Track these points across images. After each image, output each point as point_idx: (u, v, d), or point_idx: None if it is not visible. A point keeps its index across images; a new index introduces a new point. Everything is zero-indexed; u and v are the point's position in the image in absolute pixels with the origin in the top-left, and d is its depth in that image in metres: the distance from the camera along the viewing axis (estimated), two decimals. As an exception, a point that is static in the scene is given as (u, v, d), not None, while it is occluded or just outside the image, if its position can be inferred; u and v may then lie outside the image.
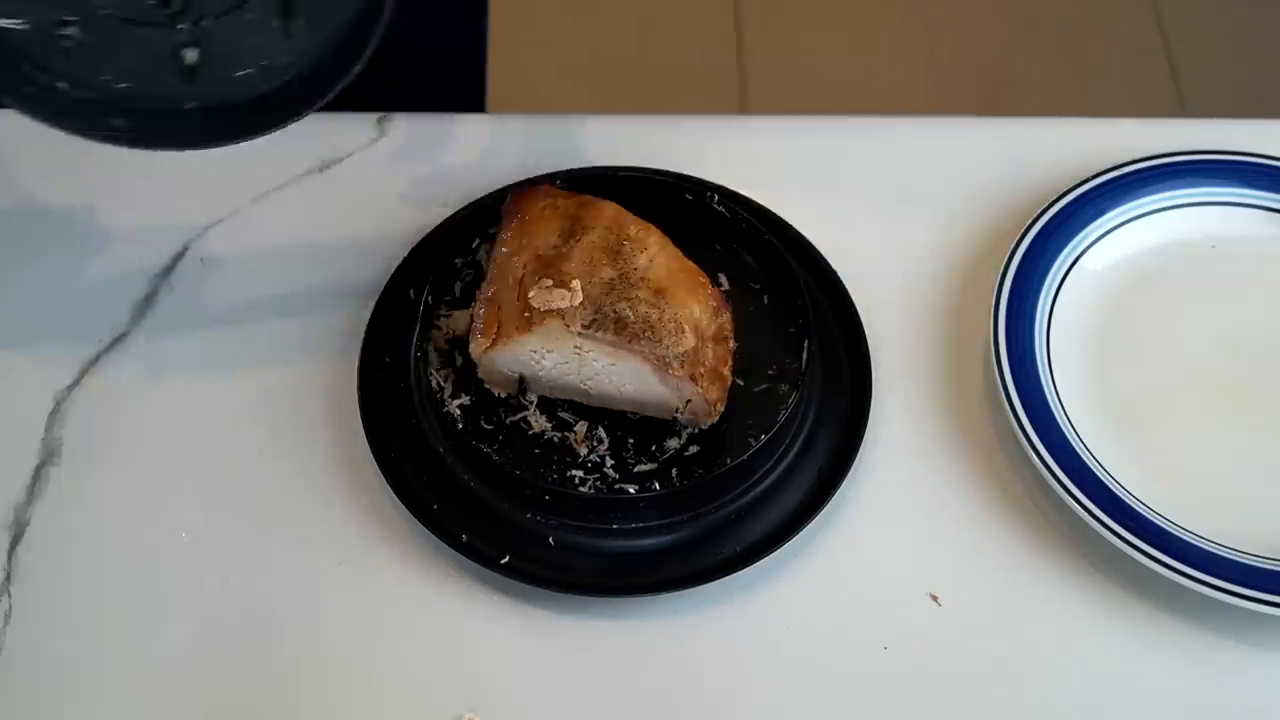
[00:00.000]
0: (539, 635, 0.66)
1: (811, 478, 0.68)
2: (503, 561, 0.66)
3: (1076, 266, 0.75)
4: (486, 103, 1.06)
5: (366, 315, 0.72)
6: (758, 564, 0.66)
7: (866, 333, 0.72)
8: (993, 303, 0.72)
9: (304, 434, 0.70)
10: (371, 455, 0.68)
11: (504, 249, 0.70)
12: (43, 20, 0.60)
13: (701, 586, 0.65)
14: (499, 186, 0.75)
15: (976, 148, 0.64)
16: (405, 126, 0.81)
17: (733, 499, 0.67)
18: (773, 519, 0.67)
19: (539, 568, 0.66)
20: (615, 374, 0.67)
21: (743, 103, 1.92)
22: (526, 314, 0.67)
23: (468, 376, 0.70)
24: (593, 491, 0.67)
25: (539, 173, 0.75)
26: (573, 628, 0.66)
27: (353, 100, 0.76)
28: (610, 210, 0.70)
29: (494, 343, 0.67)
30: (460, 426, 0.69)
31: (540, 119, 0.82)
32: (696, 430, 0.69)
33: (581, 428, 0.69)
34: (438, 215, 0.76)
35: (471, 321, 0.68)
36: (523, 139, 0.80)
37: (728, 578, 0.65)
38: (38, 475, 0.69)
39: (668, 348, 0.66)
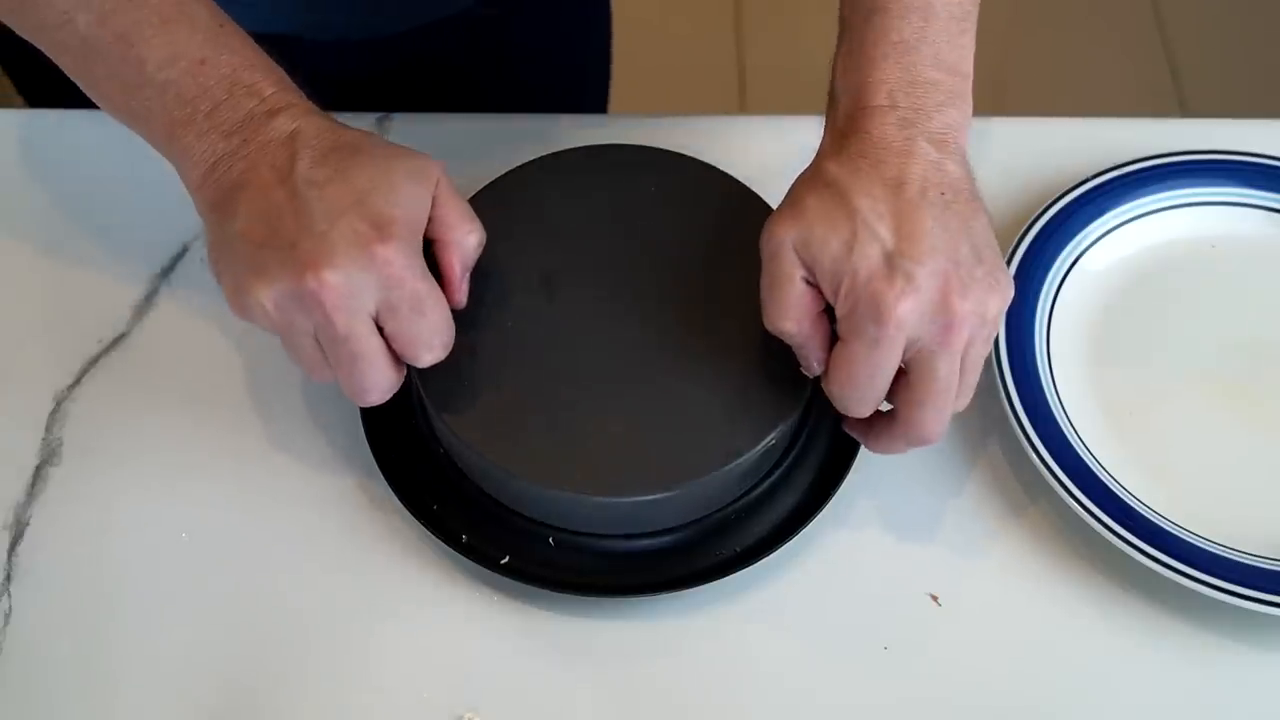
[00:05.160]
0: (539, 635, 0.66)
1: (811, 478, 0.68)
2: (503, 561, 0.66)
3: (1076, 266, 0.75)
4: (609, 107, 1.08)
5: (366, 315, 0.72)
6: (758, 564, 0.66)
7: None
8: (993, 303, 0.72)
9: (304, 434, 0.70)
10: (371, 455, 0.68)
11: None
12: None
13: (701, 586, 0.65)
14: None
15: (976, 148, 0.64)
16: (405, 126, 0.81)
17: (733, 500, 0.67)
18: (772, 519, 0.67)
19: (539, 568, 0.66)
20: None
21: (743, 103, 1.92)
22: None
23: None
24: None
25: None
26: (573, 628, 0.66)
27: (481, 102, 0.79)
28: None
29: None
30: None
31: (539, 119, 0.82)
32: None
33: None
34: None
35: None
36: (522, 138, 0.80)
37: (728, 578, 0.65)
38: (38, 475, 0.69)
39: None
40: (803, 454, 0.69)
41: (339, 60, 0.86)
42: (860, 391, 0.60)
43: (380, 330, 0.59)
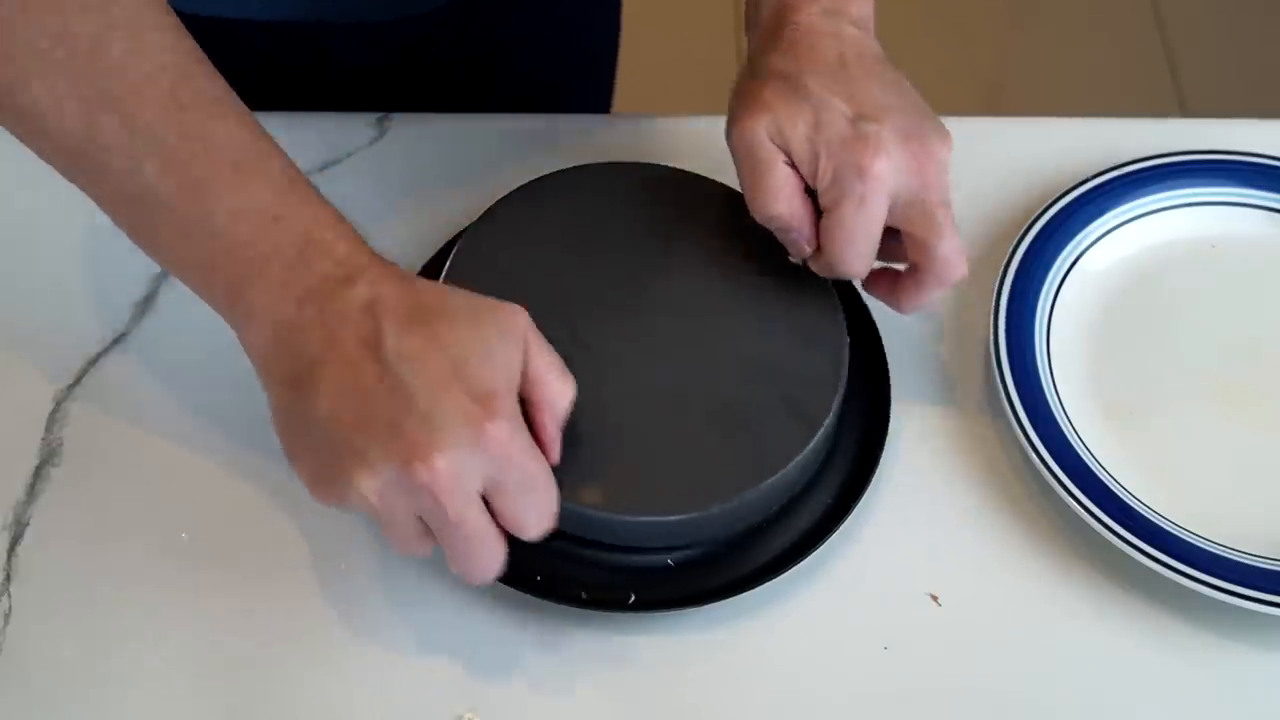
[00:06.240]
0: (539, 635, 0.66)
1: (828, 496, 0.68)
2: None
3: (1076, 266, 0.75)
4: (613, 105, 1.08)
5: (366, 315, 0.72)
6: (758, 564, 0.66)
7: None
8: (993, 303, 0.72)
9: (304, 434, 0.70)
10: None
11: None
12: None
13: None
14: (496, 186, 0.75)
15: (976, 148, 0.64)
16: (405, 127, 0.81)
17: (754, 518, 0.67)
18: (788, 538, 0.67)
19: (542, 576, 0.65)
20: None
21: (744, 103, 1.92)
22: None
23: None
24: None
25: (539, 173, 0.75)
26: (573, 628, 0.66)
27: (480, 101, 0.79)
28: None
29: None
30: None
31: (538, 119, 0.82)
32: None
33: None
34: (437, 216, 0.76)
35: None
36: (522, 138, 0.80)
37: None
38: (38, 475, 0.69)
39: None
40: (822, 468, 0.68)
41: (353, 46, 0.85)
42: (858, 247, 0.64)
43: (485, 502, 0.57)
